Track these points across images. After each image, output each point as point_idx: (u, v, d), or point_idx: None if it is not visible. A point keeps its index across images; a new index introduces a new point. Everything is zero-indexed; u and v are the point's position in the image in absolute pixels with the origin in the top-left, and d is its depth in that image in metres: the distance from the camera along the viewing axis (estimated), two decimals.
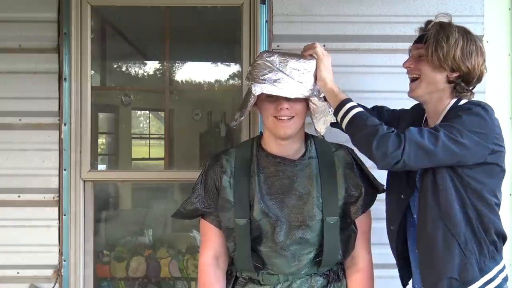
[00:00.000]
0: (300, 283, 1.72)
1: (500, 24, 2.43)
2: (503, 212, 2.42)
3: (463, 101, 1.67)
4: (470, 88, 1.69)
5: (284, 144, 1.74)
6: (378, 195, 1.83)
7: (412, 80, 1.73)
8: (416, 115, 1.84)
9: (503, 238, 1.67)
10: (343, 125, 1.65)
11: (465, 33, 1.65)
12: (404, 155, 1.49)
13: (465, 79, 1.65)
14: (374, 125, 1.55)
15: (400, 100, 1.93)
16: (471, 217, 1.60)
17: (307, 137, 1.82)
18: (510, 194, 2.43)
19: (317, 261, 1.72)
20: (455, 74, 1.64)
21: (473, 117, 1.56)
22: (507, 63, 2.43)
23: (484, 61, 1.67)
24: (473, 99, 1.71)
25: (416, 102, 1.85)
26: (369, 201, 1.78)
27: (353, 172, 1.76)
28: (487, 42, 2.39)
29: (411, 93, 1.74)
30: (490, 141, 1.56)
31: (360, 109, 1.64)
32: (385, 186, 1.84)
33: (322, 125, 1.79)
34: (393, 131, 1.53)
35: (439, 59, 1.62)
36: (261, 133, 1.84)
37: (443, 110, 1.68)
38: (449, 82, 1.65)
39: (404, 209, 1.76)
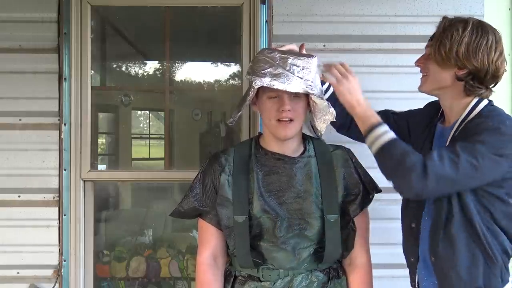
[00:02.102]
0: (301, 278, 1.72)
1: (500, 24, 2.42)
2: None
3: (483, 104, 1.62)
4: (487, 85, 1.62)
5: (284, 143, 1.75)
6: (376, 194, 1.84)
7: (422, 76, 1.73)
8: (429, 113, 1.82)
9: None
10: (373, 152, 1.61)
11: (475, 28, 1.57)
12: (428, 187, 1.48)
13: (475, 76, 1.58)
14: (401, 156, 1.51)
15: (400, 100, 1.93)
16: (486, 228, 1.56)
17: (305, 137, 1.83)
18: None
19: (318, 256, 1.73)
20: (462, 72, 1.59)
21: (499, 137, 1.50)
22: (507, 63, 2.42)
23: (500, 55, 1.58)
24: (490, 98, 1.66)
25: (431, 99, 1.82)
26: (367, 200, 1.80)
27: (351, 171, 1.78)
28: None
29: (420, 88, 1.73)
30: (509, 158, 1.51)
31: (389, 136, 1.57)
32: None
33: (322, 123, 1.80)
34: (417, 162, 1.48)
35: (442, 56, 1.59)
36: (260, 133, 1.84)
37: (462, 110, 1.63)
38: (459, 79, 1.61)
39: (423, 206, 1.69)
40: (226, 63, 4.19)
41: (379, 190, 1.83)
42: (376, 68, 2.35)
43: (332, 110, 1.73)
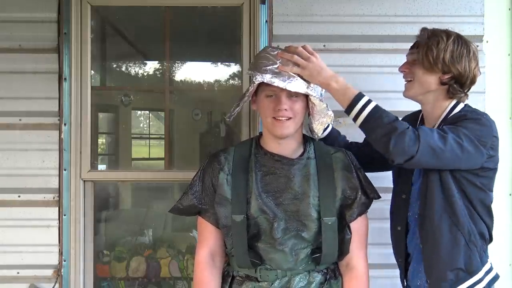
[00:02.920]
0: (299, 279, 1.72)
1: (500, 24, 2.43)
2: (503, 212, 2.43)
3: (460, 106, 1.76)
4: (465, 90, 1.77)
5: (282, 143, 1.75)
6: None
7: (407, 82, 1.84)
8: (412, 118, 1.94)
9: (490, 237, 1.78)
10: (358, 124, 1.65)
11: (456, 38, 1.73)
12: (418, 152, 1.55)
13: (457, 81, 1.73)
14: (390, 123, 1.58)
15: (400, 100, 1.93)
16: (467, 212, 1.70)
17: (306, 138, 1.83)
18: (510, 194, 2.43)
19: (315, 257, 1.72)
20: (447, 76, 1.72)
21: (479, 126, 1.64)
22: (507, 63, 2.43)
23: (477, 64, 1.75)
24: (467, 101, 1.79)
25: (416, 110, 1.92)
26: (365, 205, 1.78)
27: (351, 175, 1.77)
28: (487, 42, 2.39)
29: (405, 93, 1.84)
30: (488, 148, 1.65)
31: (372, 105, 1.64)
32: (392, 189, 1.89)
33: (319, 125, 1.80)
34: (408, 128, 1.58)
35: (430, 62, 1.71)
36: (261, 133, 1.84)
37: (441, 113, 1.77)
38: (442, 83, 1.74)
39: (407, 207, 1.81)
40: (226, 63, 4.18)
41: (378, 196, 1.81)
42: (376, 68, 2.35)
43: (330, 112, 1.73)
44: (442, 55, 1.69)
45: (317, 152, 1.79)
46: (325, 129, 1.95)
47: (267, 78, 1.65)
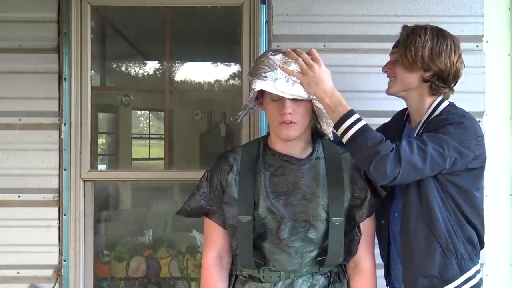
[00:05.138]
0: (302, 281, 1.72)
1: (500, 24, 2.43)
2: (503, 212, 2.43)
3: (444, 104, 1.75)
4: (450, 85, 1.77)
5: (290, 144, 1.74)
6: None
7: (390, 80, 1.85)
8: (397, 117, 1.98)
9: (481, 242, 1.75)
10: (344, 141, 1.65)
11: (436, 34, 1.72)
12: (400, 173, 1.56)
13: (440, 77, 1.72)
14: (373, 146, 1.57)
15: (400, 100, 1.93)
16: (450, 219, 1.68)
17: (314, 138, 1.82)
18: (510, 194, 2.43)
19: (320, 260, 1.72)
20: (428, 73, 1.72)
21: (461, 130, 1.63)
22: (507, 63, 2.43)
23: (459, 57, 1.72)
24: (451, 98, 1.80)
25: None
26: (374, 205, 1.77)
27: (359, 175, 1.76)
28: (487, 42, 2.39)
29: (387, 90, 1.85)
30: (472, 149, 1.64)
31: (359, 125, 1.62)
32: None
33: (327, 127, 1.78)
34: (392, 150, 1.57)
35: (409, 61, 1.71)
36: (268, 133, 1.83)
37: (426, 110, 1.76)
38: (425, 81, 1.74)
39: (392, 202, 1.81)
40: (226, 63, 4.18)
41: (383, 196, 1.79)
42: (376, 68, 2.34)
43: None
44: (421, 53, 1.69)
45: (326, 152, 1.78)
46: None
47: (265, 85, 1.64)
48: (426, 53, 1.69)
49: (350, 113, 1.64)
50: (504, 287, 2.43)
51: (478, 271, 1.73)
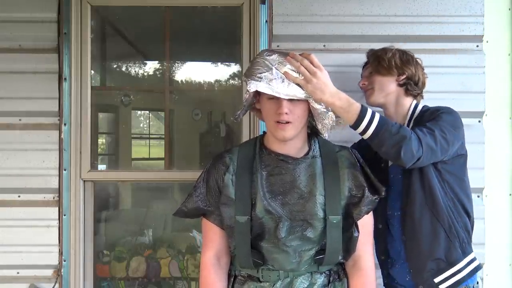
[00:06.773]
0: (301, 280, 1.72)
1: (500, 24, 2.43)
2: (503, 212, 2.43)
3: (421, 105, 1.95)
4: (420, 90, 1.98)
5: (286, 143, 1.74)
6: None
7: (367, 91, 2.01)
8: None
9: (472, 226, 1.90)
10: (366, 137, 1.70)
11: (400, 50, 1.99)
12: (423, 154, 1.69)
13: (412, 80, 1.95)
14: (397, 132, 1.67)
15: None
16: (450, 205, 1.83)
17: (311, 136, 1.82)
18: (510, 194, 2.43)
19: (318, 259, 1.72)
20: (402, 77, 1.94)
21: (452, 117, 1.82)
22: (507, 63, 2.43)
23: (422, 70, 1.99)
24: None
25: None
26: (372, 202, 1.77)
27: (357, 173, 1.76)
28: (487, 42, 2.39)
29: (368, 100, 2.00)
30: (462, 136, 1.83)
31: (377, 118, 1.68)
32: None
33: (322, 127, 1.78)
34: (412, 133, 1.69)
35: (385, 67, 1.94)
36: (264, 132, 1.83)
37: (405, 112, 1.95)
38: (400, 85, 1.95)
39: (386, 207, 1.91)
40: (226, 63, 4.18)
41: (384, 193, 1.79)
42: None
43: (330, 113, 1.72)
44: (393, 60, 1.94)
45: (322, 150, 1.78)
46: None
47: (260, 86, 1.64)
48: (397, 60, 1.94)
49: (364, 109, 1.69)
50: (504, 287, 2.43)
51: (474, 257, 1.86)
